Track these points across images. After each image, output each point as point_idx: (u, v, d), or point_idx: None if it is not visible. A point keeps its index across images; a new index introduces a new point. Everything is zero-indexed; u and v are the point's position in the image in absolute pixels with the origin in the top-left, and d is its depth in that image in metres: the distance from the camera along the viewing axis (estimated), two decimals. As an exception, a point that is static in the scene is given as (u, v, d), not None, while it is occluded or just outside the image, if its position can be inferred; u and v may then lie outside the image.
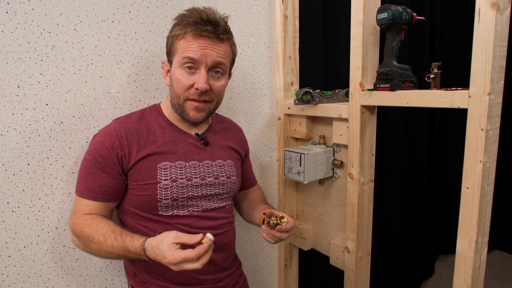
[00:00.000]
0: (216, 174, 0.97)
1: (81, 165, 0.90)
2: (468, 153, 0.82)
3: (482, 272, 0.89)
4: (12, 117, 0.89)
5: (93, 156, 0.88)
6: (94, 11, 0.98)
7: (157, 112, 0.97)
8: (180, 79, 0.88)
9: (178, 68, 0.88)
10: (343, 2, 1.45)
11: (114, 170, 0.88)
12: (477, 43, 0.77)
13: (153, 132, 0.92)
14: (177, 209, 0.91)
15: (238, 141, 1.11)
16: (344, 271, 1.21)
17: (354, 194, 1.12)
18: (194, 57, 0.85)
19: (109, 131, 0.89)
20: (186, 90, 0.89)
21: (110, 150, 0.87)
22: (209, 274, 0.95)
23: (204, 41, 0.85)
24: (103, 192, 0.88)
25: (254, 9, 1.32)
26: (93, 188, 0.88)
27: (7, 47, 0.86)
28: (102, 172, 0.87)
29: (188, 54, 0.85)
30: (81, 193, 0.89)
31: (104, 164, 0.87)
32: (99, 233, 0.83)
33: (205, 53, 0.85)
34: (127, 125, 0.91)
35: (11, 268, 0.92)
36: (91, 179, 0.88)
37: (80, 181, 0.89)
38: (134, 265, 0.95)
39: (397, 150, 1.97)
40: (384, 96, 0.99)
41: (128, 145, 0.88)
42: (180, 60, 0.87)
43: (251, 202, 1.13)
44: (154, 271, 0.92)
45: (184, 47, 0.86)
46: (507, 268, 2.43)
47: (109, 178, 0.88)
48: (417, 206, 2.17)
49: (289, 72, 1.38)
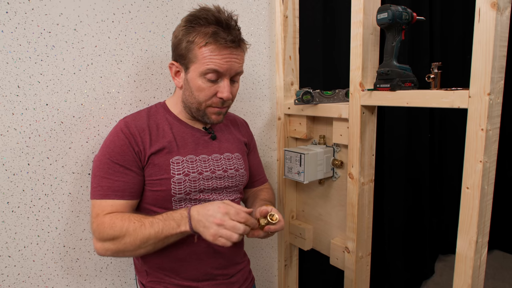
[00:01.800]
0: (224, 167, 0.98)
1: (96, 168, 0.87)
2: (468, 153, 0.82)
3: (482, 272, 0.89)
4: (12, 117, 0.89)
5: (111, 155, 0.86)
6: (94, 11, 0.98)
7: (164, 109, 0.97)
8: (203, 88, 0.88)
9: (200, 77, 0.87)
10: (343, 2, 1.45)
11: (136, 166, 0.87)
12: (477, 43, 0.77)
13: (162, 128, 0.93)
14: (190, 203, 0.92)
15: (245, 132, 1.13)
16: (344, 271, 1.21)
17: (354, 194, 1.12)
18: (220, 71, 0.85)
19: (120, 130, 0.89)
20: (209, 99, 0.89)
21: (127, 147, 0.87)
22: (221, 269, 0.96)
23: (227, 51, 0.85)
24: (129, 190, 0.87)
25: (254, 9, 1.32)
26: (118, 187, 0.85)
27: (7, 47, 0.86)
28: (125, 169, 0.86)
29: (213, 67, 0.85)
30: (103, 194, 0.85)
31: (124, 161, 0.86)
32: (133, 221, 0.81)
33: (230, 66, 0.86)
34: (137, 123, 0.91)
35: (11, 268, 0.92)
36: (114, 178, 0.86)
37: (100, 183, 0.86)
38: (146, 263, 0.94)
39: (397, 150, 1.97)
40: (384, 96, 0.99)
41: (142, 141, 0.88)
42: (203, 69, 0.85)
43: (255, 202, 1.11)
44: (168, 269, 0.92)
45: (208, 57, 0.84)
46: (507, 268, 2.43)
47: (132, 174, 0.87)
48: (417, 206, 2.17)
49: (289, 72, 1.38)
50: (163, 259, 0.91)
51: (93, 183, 0.87)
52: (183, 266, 0.92)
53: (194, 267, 0.92)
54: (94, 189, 0.87)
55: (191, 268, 0.92)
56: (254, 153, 1.17)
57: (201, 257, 0.93)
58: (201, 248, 0.92)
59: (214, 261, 0.94)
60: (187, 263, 0.92)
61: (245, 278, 1.04)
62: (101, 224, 0.83)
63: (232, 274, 0.99)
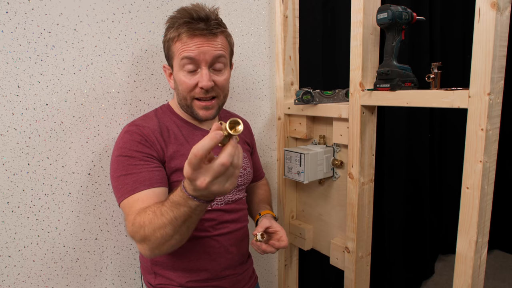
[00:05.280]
0: None
1: (115, 170, 0.83)
2: (468, 153, 0.82)
3: (482, 272, 0.89)
4: (12, 117, 0.89)
5: (127, 152, 0.83)
6: (94, 11, 0.98)
7: (170, 111, 0.97)
8: (183, 81, 0.88)
9: (180, 71, 0.88)
10: (343, 2, 1.45)
11: (156, 159, 0.86)
12: (477, 43, 0.77)
13: (172, 131, 0.93)
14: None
15: (247, 133, 1.14)
16: (344, 271, 1.21)
17: (354, 194, 1.12)
18: (192, 56, 0.85)
19: (134, 130, 0.87)
20: (191, 90, 0.89)
21: (144, 142, 0.85)
22: (231, 269, 0.97)
23: (199, 39, 0.85)
24: (156, 177, 0.82)
25: (254, 9, 1.32)
26: (144, 177, 0.81)
27: (7, 47, 0.86)
28: (145, 162, 0.83)
29: (185, 54, 0.85)
30: (131, 190, 0.80)
31: (143, 154, 0.84)
32: (147, 213, 0.72)
33: (203, 50, 0.85)
34: (148, 124, 0.90)
35: (11, 268, 0.92)
36: (137, 171, 0.81)
37: (124, 181, 0.81)
38: (157, 264, 0.94)
39: (397, 150, 1.97)
40: (384, 96, 0.99)
41: (157, 141, 0.87)
42: (179, 62, 0.87)
43: (253, 199, 1.16)
44: (180, 269, 0.92)
45: (181, 48, 0.86)
46: (507, 268, 2.43)
47: (156, 162, 0.85)
48: (417, 206, 2.17)
49: (289, 72, 1.38)
50: (175, 260, 0.92)
51: (117, 186, 0.82)
52: (196, 266, 0.92)
53: (206, 267, 0.93)
54: (120, 190, 0.81)
55: (203, 268, 0.93)
56: (255, 152, 1.19)
57: (213, 257, 0.93)
58: (214, 248, 0.93)
59: (225, 261, 0.95)
60: (200, 263, 0.92)
61: (250, 277, 1.06)
62: (131, 226, 0.76)
63: (239, 273, 1.00)
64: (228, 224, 0.96)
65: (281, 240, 0.93)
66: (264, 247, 0.92)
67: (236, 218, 0.99)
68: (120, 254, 1.10)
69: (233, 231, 0.97)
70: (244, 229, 1.02)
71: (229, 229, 0.96)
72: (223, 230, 0.95)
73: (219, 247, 0.93)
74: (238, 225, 0.99)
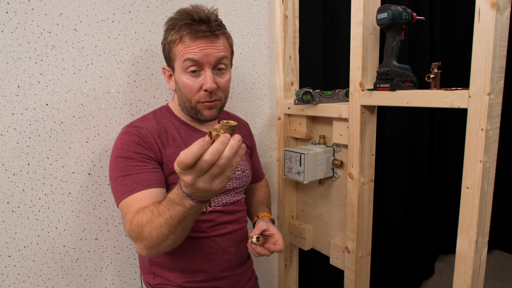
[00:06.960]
0: None
1: (114, 171, 0.84)
2: (468, 153, 0.82)
3: (482, 272, 0.89)
4: (12, 117, 0.89)
5: (125, 154, 0.84)
6: (94, 11, 0.98)
7: (169, 113, 0.97)
8: (187, 84, 0.88)
9: (183, 73, 0.87)
10: (343, 2, 1.45)
11: (154, 160, 0.86)
12: (477, 43, 0.77)
13: (171, 132, 0.93)
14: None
15: (246, 134, 1.14)
16: (344, 271, 1.21)
17: (354, 194, 1.12)
18: (196, 58, 0.85)
19: (132, 131, 0.87)
20: (196, 93, 0.89)
21: (142, 144, 0.85)
22: (229, 269, 0.97)
23: (202, 41, 0.85)
24: (154, 178, 0.83)
25: (254, 9, 1.32)
26: (142, 178, 0.81)
27: (7, 47, 0.86)
28: (143, 163, 0.84)
29: (188, 56, 0.85)
30: (129, 190, 0.80)
31: (141, 155, 0.84)
32: (145, 212, 0.73)
33: (206, 52, 0.85)
34: (147, 126, 0.90)
35: (11, 268, 0.92)
36: (135, 172, 0.82)
37: (122, 182, 0.82)
38: (155, 265, 0.94)
39: (397, 150, 1.97)
40: (384, 96, 0.99)
41: (155, 143, 0.88)
42: (182, 64, 0.86)
43: (252, 200, 1.15)
44: (178, 269, 0.92)
45: (183, 50, 0.85)
46: (507, 268, 2.43)
47: (153, 164, 0.85)
48: (417, 206, 2.17)
49: (289, 72, 1.38)
50: (173, 260, 0.92)
51: (115, 187, 0.83)
52: (193, 267, 0.92)
53: (204, 267, 0.93)
54: (118, 191, 0.82)
55: (200, 269, 0.93)
56: (255, 153, 1.19)
57: (210, 258, 0.93)
58: (211, 249, 0.93)
59: (223, 262, 0.95)
60: (198, 264, 0.92)
61: (249, 277, 1.06)
62: (129, 225, 0.76)
63: (238, 274, 1.00)
64: (226, 225, 0.96)
65: (276, 244, 0.93)
66: (259, 250, 0.91)
67: (235, 219, 0.99)
68: (120, 254, 1.10)
69: (231, 232, 0.97)
70: (243, 230, 1.02)
71: (227, 230, 0.96)
72: (221, 231, 0.95)
73: (216, 247, 0.93)
74: (236, 226, 0.99)
